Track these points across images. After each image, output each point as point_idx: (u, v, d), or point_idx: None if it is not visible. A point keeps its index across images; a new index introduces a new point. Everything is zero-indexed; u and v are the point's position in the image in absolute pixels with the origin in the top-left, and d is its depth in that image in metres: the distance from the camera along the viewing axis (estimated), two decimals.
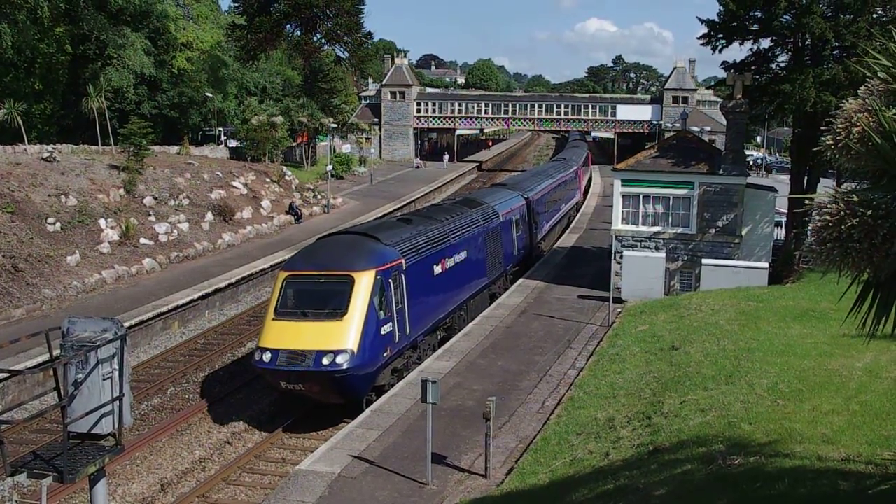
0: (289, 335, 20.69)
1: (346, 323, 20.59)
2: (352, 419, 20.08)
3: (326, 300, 21.33)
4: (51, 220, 33.50)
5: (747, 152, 55.44)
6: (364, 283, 21.15)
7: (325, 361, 20.06)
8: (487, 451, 16.39)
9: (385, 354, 21.73)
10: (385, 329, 21.69)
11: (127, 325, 26.51)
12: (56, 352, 8.85)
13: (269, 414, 23.01)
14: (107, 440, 8.92)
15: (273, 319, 21.21)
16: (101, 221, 36.04)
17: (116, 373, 8.75)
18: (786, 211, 38.09)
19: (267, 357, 20.51)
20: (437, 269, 26.21)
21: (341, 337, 20.39)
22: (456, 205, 33.51)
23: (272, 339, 20.77)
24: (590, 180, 79.39)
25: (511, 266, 35.92)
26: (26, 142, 44.10)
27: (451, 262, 27.45)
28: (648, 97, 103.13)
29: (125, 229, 36.75)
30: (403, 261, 23.30)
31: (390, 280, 22.20)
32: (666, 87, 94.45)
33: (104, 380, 8.65)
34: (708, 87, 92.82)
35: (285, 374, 20.47)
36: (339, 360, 20.08)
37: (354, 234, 24.57)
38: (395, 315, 22.32)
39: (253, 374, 24.08)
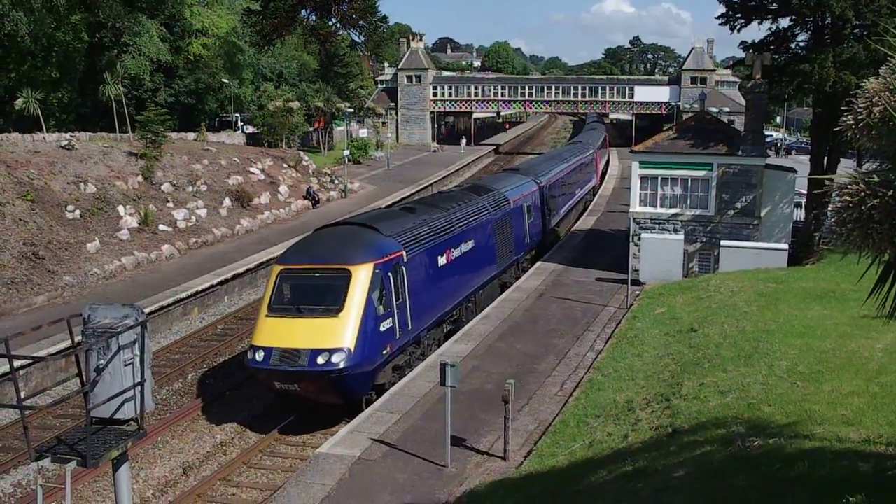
0: (282, 333, 19.76)
1: (342, 320, 19.60)
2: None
3: (322, 296, 20.32)
4: (70, 207, 33.75)
5: (767, 133, 54.98)
6: (362, 277, 20.17)
7: (321, 361, 19.13)
8: (506, 434, 16.43)
9: (385, 352, 20.79)
10: (385, 325, 20.72)
11: (147, 311, 26.66)
12: (78, 338, 8.94)
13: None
14: (129, 425, 9.02)
15: (266, 316, 20.31)
16: (120, 208, 36.28)
17: (137, 358, 8.84)
18: (805, 192, 37.79)
19: (260, 356, 19.63)
20: (442, 260, 25.10)
21: (337, 335, 19.43)
22: (463, 192, 32.30)
23: (265, 337, 19.88)
24: (607, 163, 78.86)
25: (523, 254, 34.97)
26: (45, 130, 44.43)
27: (457, 253, 26.33)
28: (666, 78, 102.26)
29: (144, 216, 36.99)
30: (405, 252, 22.30)
31: (390, 273, 21.19)
32: (684, 67, 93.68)
33: (125, 365, 8.74)
34: (726, 68, 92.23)
35: (279, 374, 19.56)
36: (334, 359, 19.15)
37: (352, 224, 23.60)
38: (395, 310, 21.32)
39: None
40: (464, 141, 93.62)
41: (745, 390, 14.59)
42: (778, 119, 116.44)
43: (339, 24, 76.75)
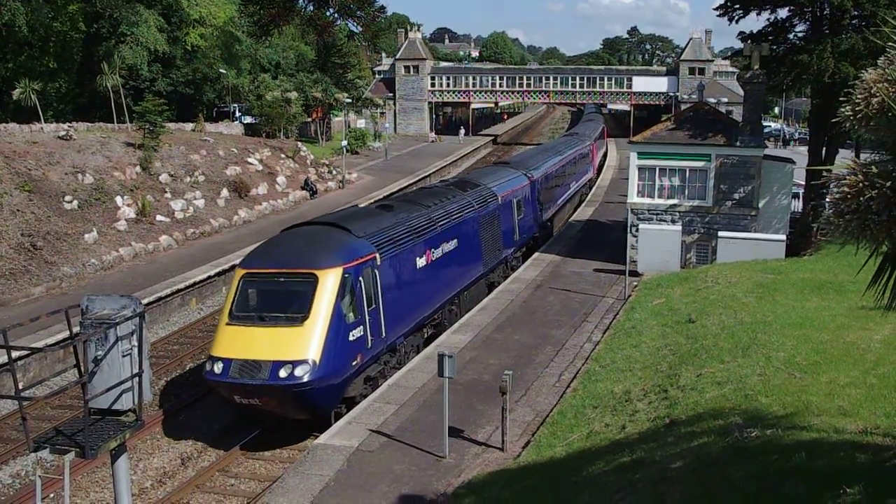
0: (242, 343, 18.42)
1: (307, 329, 18.27)
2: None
3: (286, 303, 19.00)
4: (68, 198, 33.70)
5: (766, 123, 55.00)
6: (329, 282, 18.80)
7: (283, 374, 17.77)
8: (504, 425, 16.46)
9: (354, 363, 19.35)
10: (354, 334, 19.33)
11: (145, 301, 26.72)
12: (76, 329, 8.95)
13: None
14: (127, 416, 9.04)
15: (227, 324, 18.99)
16: (118, 199, 36.23)
17: (135, 349, 8.85)
18: (803, 183, 37.80)
19: (218, 368, 18.19)
20: (421, 262, 23.64)
21: (301, 345, 18.12)
22: (447, 187, 30.59)
23: (224, 348, 18.53)
24: (605, 155, 78.49)
25: (512, 252, 33.65)
26: (42, 120, 44.33)
27: (438, 253, 24.89)
28: (664, 69, 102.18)
29: (142, 206, 36.95)
30: (378, 255, 20.87)
31: (361, 277, 19.79)
32: (682, 58, 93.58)
33: (123, 356, 8.76)
34: (725, 58, 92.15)
35: (238, 388, 18.10)
36: (297, 371, 17.79)
37: (322, 224, 21.93)
38: (367, 317, 19.88)
39: None
40: (462, 131, 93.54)
41: (743, 381, 14.61)
42: (776, 110, 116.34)
43: (336, 15, 76.41)
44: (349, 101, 73.92)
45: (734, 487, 9.37)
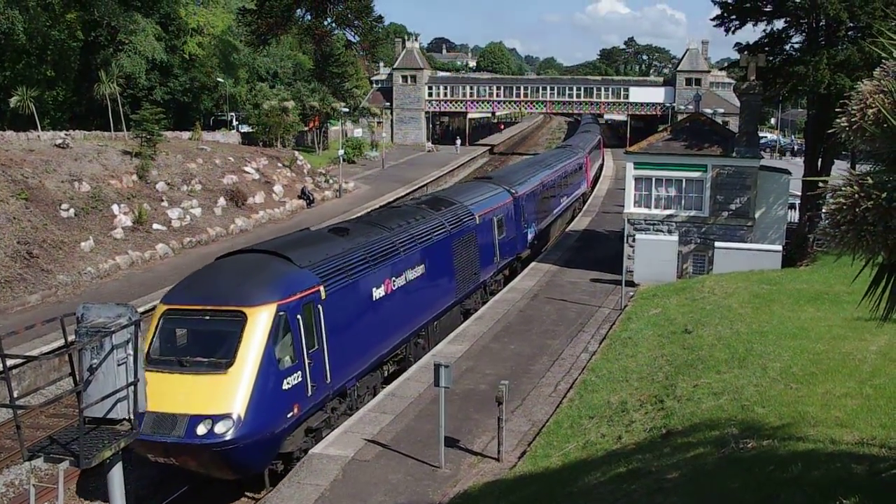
0: (158, 392, 14.89)
1: (231, 377, 15.71)
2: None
3: (210, 345, 16.45)
4: (64, 206, 33.66)
5: (763, 134, 55.16)
6: (261, 321, 16.28)
7: (201, 430, 15.19)
8: (500, 435, 16.43)
9: (290, 415, 16.77)
10: (290, 381, 16.74)
11: (141, 310, 26.62)
12: (71, 337, 8.93)
13: None
14: (122, 424, 9.01)
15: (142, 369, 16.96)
16: (115, 207, 36.21)
17: (131, 358, 8.83)
18: (800, 193, 37.89)
19: None
20: (379, 293, 21.07)
21: (224, 397, 15.56)
22: (417, 207, 27.93)
23: None
24: (601, 167, 78.02)
25: (492, 276, 31.22)
26: (39, 128, 44.36)
27: (401, 281, 22.39)
28: (661, 79, 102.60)
29: (138, 215, 36.93)
30: (322, 287, 18.28)
31: (300, 315, 17.24)
32: (679, 69, 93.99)
33: (119, 365, 8.75)
34: (721, 69, 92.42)
35: (152, 446, 15.42)
36: (218, 428, 15.20)
37: (259, 252, 19.03)
38: (306, 361, 17.29)
39: None
40: (458, 141, 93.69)
41: (739, 392, 14.60)
42: (773, 121, 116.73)
43: (334, 24, 76.75)
44: (346, 110, 74.06)
45: (730, 498, 9.36)
